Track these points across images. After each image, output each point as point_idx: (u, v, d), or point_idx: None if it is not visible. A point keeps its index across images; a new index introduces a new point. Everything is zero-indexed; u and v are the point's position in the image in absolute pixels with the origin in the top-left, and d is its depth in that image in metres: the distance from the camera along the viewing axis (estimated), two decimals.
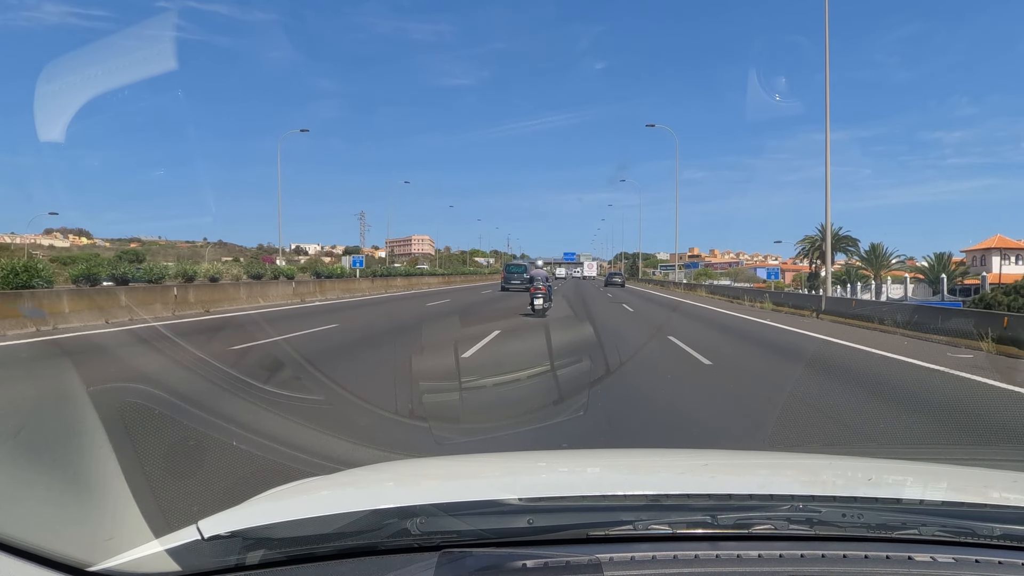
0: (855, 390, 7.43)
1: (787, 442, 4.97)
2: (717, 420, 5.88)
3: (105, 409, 5.28)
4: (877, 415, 6.04)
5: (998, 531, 1.24)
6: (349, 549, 1.19)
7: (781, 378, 8.28)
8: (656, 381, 7.63)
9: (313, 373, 7.66)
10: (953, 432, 5.54)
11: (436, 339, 12.11)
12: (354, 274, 36.93)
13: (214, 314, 16.69)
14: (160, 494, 3.50)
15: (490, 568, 1.10)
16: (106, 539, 1.36)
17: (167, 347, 10.03)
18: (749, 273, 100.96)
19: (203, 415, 5.09)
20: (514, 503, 1.31)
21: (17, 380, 7.33)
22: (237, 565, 1.15)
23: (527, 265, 38.23)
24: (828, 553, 1.16)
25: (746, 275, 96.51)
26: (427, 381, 7.07)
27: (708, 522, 1.24)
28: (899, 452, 4.70)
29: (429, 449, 4.26)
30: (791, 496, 1.34)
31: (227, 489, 3.64)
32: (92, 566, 1.15)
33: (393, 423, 5.51)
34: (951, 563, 1.16)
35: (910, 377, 8.41)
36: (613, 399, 6.42)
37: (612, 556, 1.13)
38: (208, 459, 4.24)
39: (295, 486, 1.66)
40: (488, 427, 5.21)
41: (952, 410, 6.39)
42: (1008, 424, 5.85)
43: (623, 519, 1.25)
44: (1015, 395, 7.16)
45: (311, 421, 5.23)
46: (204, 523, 1.22)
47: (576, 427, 5.18)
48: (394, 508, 1.28)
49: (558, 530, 1.23)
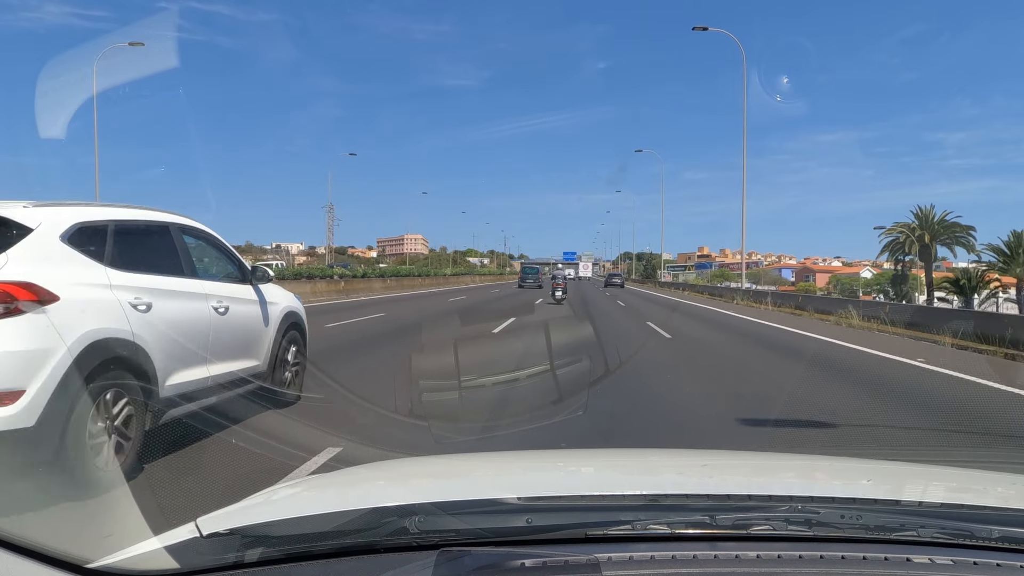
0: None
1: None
2: None
3: None
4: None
5: (996, 533, 1.24)
6: (348, 547, 1.19)
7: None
8: None
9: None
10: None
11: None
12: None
13: None
14: (159, 492, 3.50)
15: (488, 567, 1.10)
16: (105, 536, 1.37)
17: None
18: (773, 275, 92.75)
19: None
20: (513, 502, 1.31)
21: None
22: (236, 563, 1.15)
23: (539, 268, 49.91)
24: (826, 554, 1.16)
25: (770, 276, 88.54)
26: (429, 381, 7.07)
27: (706, 522, 1.24)
28: (898, 454, 4.70)
29: (428, 448, 4.27)
30: (789, 497, 1.34)
31: (226, 487, 3.64)
32: (91, 563, 1.15)
33: (395, 421, 5.51)
34: (949, 565, 1.16)
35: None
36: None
37: (610, 556, 1.13)
38: (207, 456, 4.24)
39: (294, 484, 1.66)
40: (487, 426, 5.22)
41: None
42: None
43: (622, 519, 1.25)
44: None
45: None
46: (203, 520, 1.22)
47: (575, 427, 5.18)
48: (393, 507, 1.28)
49: (557, 529, 1.23)
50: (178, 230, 4.81)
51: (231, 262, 5.46)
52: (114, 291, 3.85)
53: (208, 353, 4.63)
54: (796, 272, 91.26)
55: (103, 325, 3.64)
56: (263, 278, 5.69)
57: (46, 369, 3.26)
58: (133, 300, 3.94)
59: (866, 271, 78.12)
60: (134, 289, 4.00)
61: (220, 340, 4.79)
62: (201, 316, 4.63)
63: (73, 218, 3.88)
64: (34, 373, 3.23)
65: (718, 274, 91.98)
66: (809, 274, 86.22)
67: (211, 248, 5.30)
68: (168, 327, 4.18)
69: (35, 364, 3.25)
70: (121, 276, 3.97)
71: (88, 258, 3.84)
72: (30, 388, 3.20)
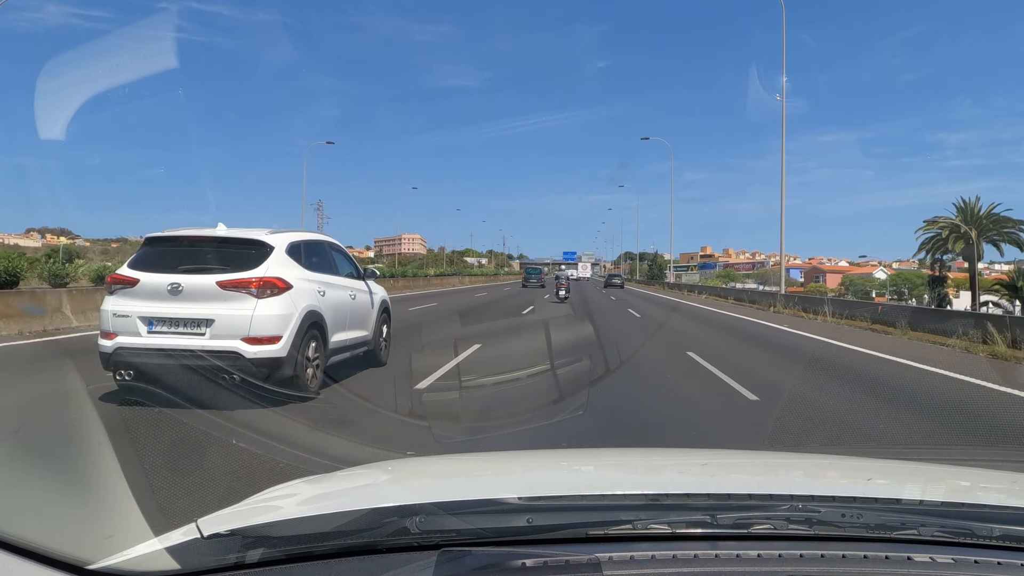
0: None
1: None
2: None
3: (104, 407, 5.29)
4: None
5: (997, 532, 1.24)
6: (348, 548, 1.19)
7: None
8: None
9: None
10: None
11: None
12: None
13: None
14: (160, 492, 3.50)
15: (489, 567, 1.10)
16: (106, 537, 1.37)
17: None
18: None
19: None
20: (514, 502, 1.31)
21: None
22: (237, 563, 1.15)
23: (542, 269, 55.57)
24: (827, 553, 1.16)
25: (778, 277, 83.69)
26: (431, 381, 7.07)
27: (707, 522, 1.24)
28: (899, 452, 4.70)
29: (428, 448, 4.27)
30: (790, 496, 1.34)
31: (227, 487, 3.64)
32: (92, 564, 1.15)
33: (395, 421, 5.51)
34: (950, 563, 1.16)
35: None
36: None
37: (611, 555, 1.13)
38: (208, 457, 4.24)
39: (294, 484, 1.66)
40: (488, 426, 5.22)
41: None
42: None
43: (622, 518, 1.25)
44: None
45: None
46: (203, 521, 1.22)
47: (576, 426, 5.18)
48: (393, 507, 1.28)
49: (557, 529, 1.23)
50: (329, 245, 7.47)
51: (352, 265, 7.92)
52: (310, 283, 6.34)
53: (347, 324, 7.07)
54: (805, 272, 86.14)
55: (309, 303, 6.13)
56: (371, 276, 8.34)
57: (290, 325, 5.79)
58: (318, 288, 6.46)
59: (879, 271, 75.80)
60: (317, 282, 6.50)
61: (352, 316, 7.23)
62: (344, 300, 7.09)
63: (287, 240, 6.34)
64: (285, 327, 5.75)
65: (723, 274, 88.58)
66: (819, 275, 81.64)
67: (343, 256, 7.77)
68: (332, 306, 6.65)
69: (285, 322, 5.76)
70: (311, 274, 6.44)
71: (296, 263, 6.26)
72: (284, 335, 5.71)
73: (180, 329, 5.62)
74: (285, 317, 5.74)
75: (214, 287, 5.65)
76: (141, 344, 5.58)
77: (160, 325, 5.63)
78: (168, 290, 5.62)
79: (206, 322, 5.59)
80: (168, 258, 5.93)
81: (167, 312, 5.62)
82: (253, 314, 5.61)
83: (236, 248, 6.03)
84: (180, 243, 6.12)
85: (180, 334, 5.61)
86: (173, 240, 6.17)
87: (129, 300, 5.71)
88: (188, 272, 5.72)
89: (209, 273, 5.73)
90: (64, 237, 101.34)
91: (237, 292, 5.66)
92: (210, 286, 5.66)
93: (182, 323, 5.62)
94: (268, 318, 5.66)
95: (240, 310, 5.61)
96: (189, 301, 5.63)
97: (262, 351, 5.58)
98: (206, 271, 5.76)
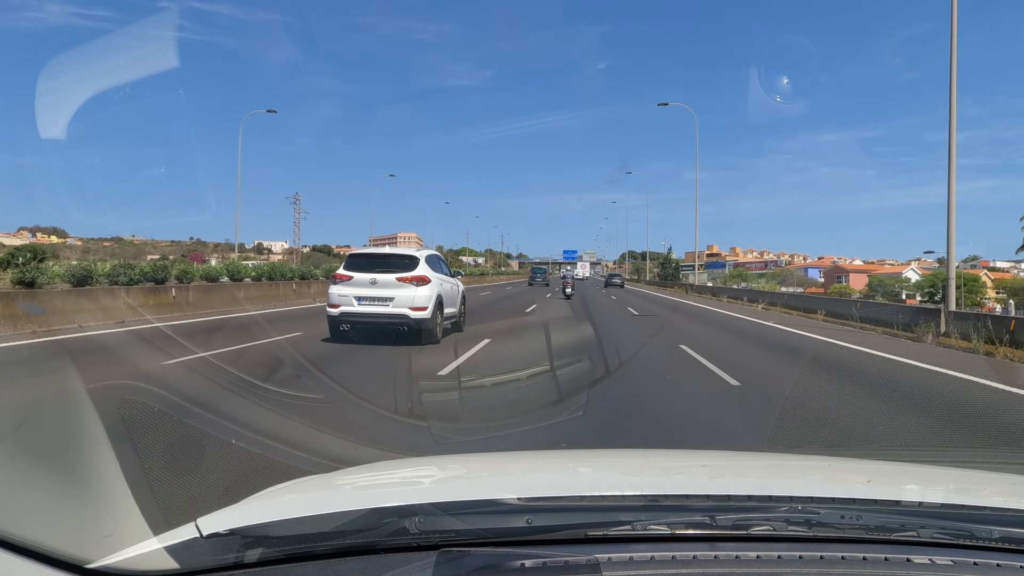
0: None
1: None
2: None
3: (104, 406, 5.28)
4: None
5: (996, 534, 1.24)
6: (347, 548, 1.19)
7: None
8: None
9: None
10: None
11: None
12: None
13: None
14: (159, 492, 3.50)
15: (488, 567, 1.10)
16: (105, 536, 1.36)
17: None
18: (799, 275, 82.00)
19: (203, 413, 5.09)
20: (513, 503, 1.31)
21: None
22: (235, 563, 1.15)
23: (546, 268, 62.87)
24: (826, 555, 1.16)
25: (796, 277, 78.05)
26: (428, 382, 7.07)
27: (706, 523, 1.23)
28: (898, 454, 4.70)
29: (428, 448, 4.26)
30: (789, 497, 1.34)
31: (226, 487, 3.64)
32: (91, 563, 1.15)
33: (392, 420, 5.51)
34: (949, 565, 1.16)
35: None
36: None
37: (610, 556, 1.13)
38: (207, 457, 4.24)
39: (293, 484, 1.65)
40: (487, 427, 5.21)
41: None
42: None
43: (622, 519, 1.25)
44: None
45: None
46: (203, 521, 1.22)
47: (575, 427, 5.18)
48: (393, 507, 1.28)
49: (556, 530, 1.23)
50: (439, 257, 12.42)
51: (447, 267, 12.42)
52: (437, 278, 10.89)
53: (451, 303, 11.75)
54: (825, 272, 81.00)
55: (438, 290, 10.75)
56: (457, 275, 13.38)
57: (432, 301, 10.43)
58: (440, 282, 11.02)
59: (909, 271, 71.43)
60: (439, 278, 11.05)
61: (451, 298, 11.82)
62: (450, 289, 11.78)
63: (425, 254, 11.20)
64: (429, 302, 10.38)
65: (736, 274, 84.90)
66: (841, 275, 74.84)
67: (444, 263, 12.46)
68: (445, 292, 11.25)
69: (429, 299, 10.39)
70: (436, 274, 11.02)
71: (431, 268, 10.88)
72: (429, 307, 10.34)
73: (375, 303, 10.28)
74: (429, 297, 10.36)
75: (394, 280, 10.32)
76: (353, 310, 10.29)
77: (364, 301, 10.31)
78: (369, 282, 10.33)
79: (390, 299, 10.24)
80: (366, 264, 10.66)
81: (368, 293, 10.31)
82: (415, 295, 10.24)
83: (402, 259, 10.81)
84: (371, 256, 11.21)
85: (375, 305, 10.27)
86: (367, 255, 11.31)
87: (346, 287, 10.37)
88: (380, 272, 10.42)
89: (391, 272, 10.41)
90: (55, 236, 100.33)
91: (405, 283, 10.30)
92: (392, 279, 10.32)
93: (377, 300, 10.30)
94: (422, 297, 10.28)
95: (408, 292, 10.24)
96: (380, 287, 10.30)
97: (419, 315, 10.19)
98: (389, 271, 10.44)
